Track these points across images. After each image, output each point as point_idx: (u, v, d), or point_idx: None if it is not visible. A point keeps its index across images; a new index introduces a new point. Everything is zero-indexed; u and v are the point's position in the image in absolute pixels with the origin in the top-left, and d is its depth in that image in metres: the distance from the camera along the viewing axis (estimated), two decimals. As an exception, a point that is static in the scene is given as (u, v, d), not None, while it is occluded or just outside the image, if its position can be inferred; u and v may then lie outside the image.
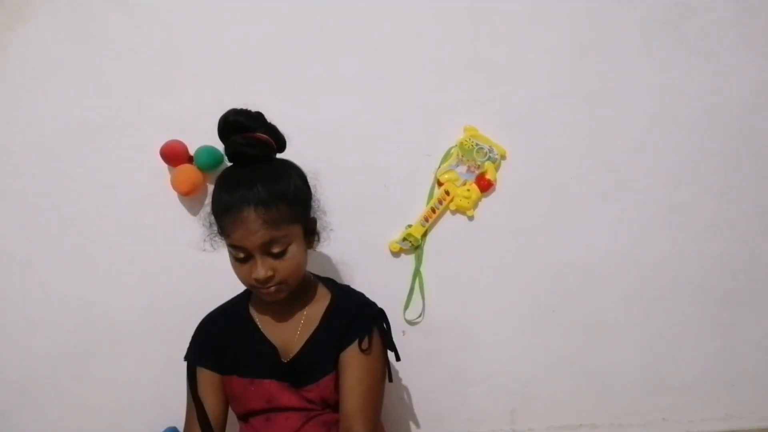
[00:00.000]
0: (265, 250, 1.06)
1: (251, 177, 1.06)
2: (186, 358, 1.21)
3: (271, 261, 1.07)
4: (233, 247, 1.07)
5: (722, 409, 1.58)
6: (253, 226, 1.03)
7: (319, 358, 1.14)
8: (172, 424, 1.50)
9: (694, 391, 1.57)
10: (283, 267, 1.08)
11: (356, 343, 1.12)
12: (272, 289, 1.10)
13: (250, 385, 1.14)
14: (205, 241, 1.17)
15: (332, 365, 1.14)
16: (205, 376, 1.18)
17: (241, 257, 1.07)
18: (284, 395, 1.13)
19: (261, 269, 1.06)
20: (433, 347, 1.52)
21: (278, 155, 1.16)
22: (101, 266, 1.48)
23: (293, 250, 1.09)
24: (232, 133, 1.08)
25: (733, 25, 1.45)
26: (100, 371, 1.51)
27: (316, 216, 1.19)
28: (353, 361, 1.12)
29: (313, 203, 1.17)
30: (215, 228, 1.13)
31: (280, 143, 1.15)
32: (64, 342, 1.50)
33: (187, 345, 1.22)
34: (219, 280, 1.34)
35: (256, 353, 1.16)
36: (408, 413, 1.56)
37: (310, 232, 1.17)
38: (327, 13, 1.42)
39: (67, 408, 1.52)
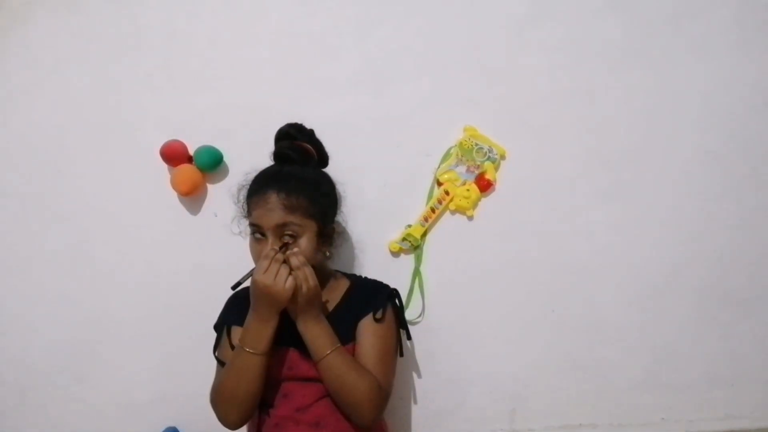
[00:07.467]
0: (278, 233, 1.14)
1: (284, 170, 1.18)
2: (216, 326, 1.28)
3: (279, 244, 1.14)
4: (252, 226, 1.17)
5: (722, 409, 1.58)
6: (272, 206, 1.13)
7: (338, 328, 1.19)
8: (172, 424, 1.50)
9: (694, 391, 1.57)
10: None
11: (371, 314, 1.23)
12: None
13: (273, 352, 1.16)
14: (232, 221, 1.28)
15: (351, 336, 1.22)
16: (237, 333, 1.20)
17: (258, 237, 1.16)
18: (304, 364, 1.19)
19: (268, 246, 1.13)
20: (433, 347, 1.52)
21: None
22: (101, 266, 1.48)
23: (303, 242, 1.16)
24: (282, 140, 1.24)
25: (734, 25, 1.45)
26: (100, 371, 1.51)
27: (335, 228, 1.26)
28: (368, 329, 1.23)
29: (337, 215, 1.28)
30: (245, 211, 1.23)
31: (323, 158, 1.29)
32: (64, 342, 1.50)
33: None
34: (219, 280, 1.34)
35: (278, 324, 1.16)
36: (408, 413, 1.56)
37: (325, 236, 1.22)
38: (327, 13, 1.42)
39: (67, 408, 1.52)
